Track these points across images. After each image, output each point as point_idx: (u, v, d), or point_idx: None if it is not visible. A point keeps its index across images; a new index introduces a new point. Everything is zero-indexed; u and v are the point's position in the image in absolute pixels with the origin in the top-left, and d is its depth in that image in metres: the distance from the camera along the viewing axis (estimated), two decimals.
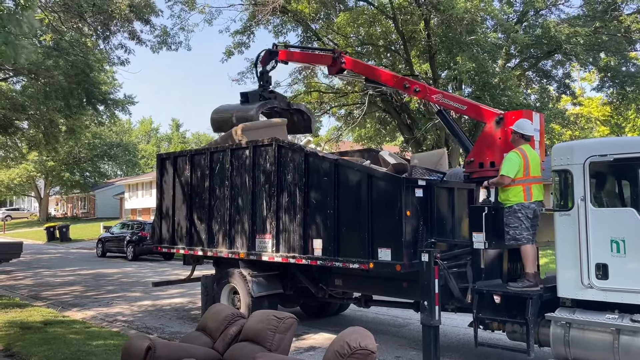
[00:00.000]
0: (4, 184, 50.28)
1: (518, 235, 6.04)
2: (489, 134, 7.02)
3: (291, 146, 8.32)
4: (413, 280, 6.76)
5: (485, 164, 6.89)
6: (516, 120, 6.57)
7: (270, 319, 4.66)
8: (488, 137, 7.02)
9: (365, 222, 7.00)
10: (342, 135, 25.11)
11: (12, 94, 21.24)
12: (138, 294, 13.21)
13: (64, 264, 21.33)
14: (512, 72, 18.87)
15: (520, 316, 5.80)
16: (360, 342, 3.61)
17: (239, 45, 21.07)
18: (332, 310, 9.92)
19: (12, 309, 10.18)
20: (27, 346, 7.14)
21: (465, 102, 7.89)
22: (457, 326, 8.68)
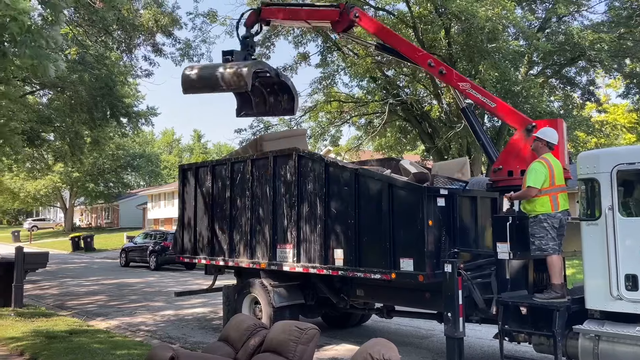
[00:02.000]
0: (31, 194, 51.38)
1: (544, 245, 5.91)
2: (519, 141, 6.85)
3: (311, 156, 8.32)
4: (436, 291, 6.67)
5: (515, 172, 6.71)
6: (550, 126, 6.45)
7: (292, 329, 4.63)
8: (518, 144, 6.86)
9: (387, 232, 6.94)
10: (362, 145, 25.09)
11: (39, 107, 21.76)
12: (161, 304, 13.30)
13: (88, 274, 21.64)
14: (534, 79, 18.64)
15: (547, 328, 5.67)
16: (384, 354, 3.57)
17: (259, 57, 21.23)
18: (354, 321, 9.84)
19: (38, 318, 10.33)
20: (53, 355, 7.22)
21: (496, 99, 7.53)
22: (481, 338, 8.53)
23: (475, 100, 7.46)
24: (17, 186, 48.69)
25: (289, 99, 8.67)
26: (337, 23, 8.42)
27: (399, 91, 21.17)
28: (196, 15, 20.30)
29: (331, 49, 21.77)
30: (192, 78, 7.81)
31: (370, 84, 22.48)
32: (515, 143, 6.92)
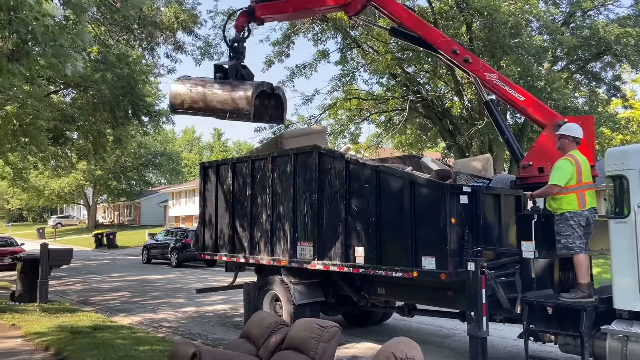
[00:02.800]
0: (55, 192, 52.32)
1: (570, 244, 5.78)
2: (549, 137, 6.66)
3: (332, 153, 8.29)
4: (459, 290, 6.58)
5: (545, 168, 6.52)
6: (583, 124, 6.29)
7: (313, 327, 4.61)
8: (549, 141, 6.68)
9: (409, 229, 6.87)
10: (382, 142, 24.94)
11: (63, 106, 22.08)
12: (182, 300, 13.42)
13: (111, 270, 21.96)
14: (558, 74, 18.29)
15: (573, 328, 5.55)
16: (407, 353, 3.52)
17: (279, 55, 21.25)
18: (375, 319, 9.79)
19: (63, 314, 10.50)
20: (77, 350, 7.33)
21: (525, 93, 7.23)
22: (504, 337, 8.40)
23: (502, 93, 7.12)
24: (42, 184, 49.63)
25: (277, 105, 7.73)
26: (349, 5, 7.75)
27: (419, 88, 20.97)
28: (216, 13, 20.41)
29: (351, 46, 21.67)
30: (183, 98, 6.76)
31: (390, 80, 22.33)
32: (546, 139, 6.75)
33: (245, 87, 6.91)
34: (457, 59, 7.31)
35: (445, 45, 7.39)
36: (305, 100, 22.76)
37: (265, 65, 21.47)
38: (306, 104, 22.60)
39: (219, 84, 7.06)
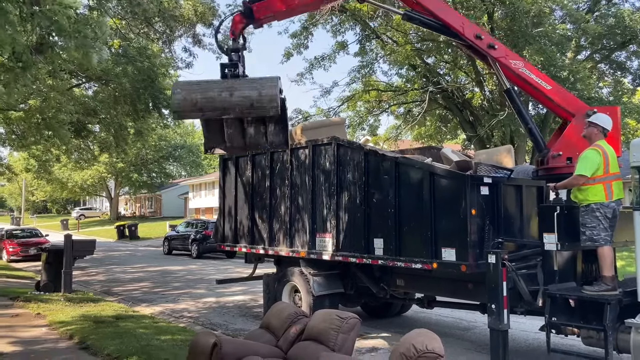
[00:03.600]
0: (78, 184, 53.24)
1: (595, 235, 5.67)
2: (579, 127, 6.51)
3: (350, 145, 8.26)
4: (479, 282, 6.52)
5: (574, 159, 6.34)
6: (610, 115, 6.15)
7: (333, 318, 4.61)
8: (579, 131, 6.50)
9: (428, 221, 6.81)
10: (401, 134, 24.77)
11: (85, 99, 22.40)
12: (202, 291, 13.56)
13: (133, 261, 22.30)
14: (582, 64, 17.92)
15: (597, 322, 5.46)
16: (427, 345, 3.49)
17: (298, 46, 21.21)
18: (394, 311, 9.77)
19: (87, 304, 10.70)
20: (100, 339, 7.46)
21: (552, 82, 7.03)
22: (525, 330, 8.31)
23: (528, 81, 6.89)
24: (65, 176, 50.51)
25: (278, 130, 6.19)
26: None
27: (439, 79, 20.75)
28: (235, 7, 20.43)
29: (370, 37, 21.52)
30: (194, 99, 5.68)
31: (409, 72, 22.13)
32: (575, 129, 6.61)
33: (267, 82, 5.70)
34: (481, 44, 6.96)
35: (468, 30, 6.99)
36: (323, 92, 22.72)
37: (284, 57, 21.46)
38: (325, 96, 22.59)
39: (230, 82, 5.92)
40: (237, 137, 6.18)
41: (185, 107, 5.65)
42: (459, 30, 7.02)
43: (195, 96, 5.58)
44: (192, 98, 5.58)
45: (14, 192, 69.89)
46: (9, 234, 24.83)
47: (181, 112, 5.75)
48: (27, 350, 7.15)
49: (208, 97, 5.58)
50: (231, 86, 5.66)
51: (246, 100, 5.50)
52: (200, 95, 5.58)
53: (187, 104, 5.63)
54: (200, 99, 5.57)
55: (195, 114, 5.75)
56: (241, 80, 5.90)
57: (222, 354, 4.48)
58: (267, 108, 5.53)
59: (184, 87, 5.71)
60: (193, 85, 5.75)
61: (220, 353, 4.48)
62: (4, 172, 29.12)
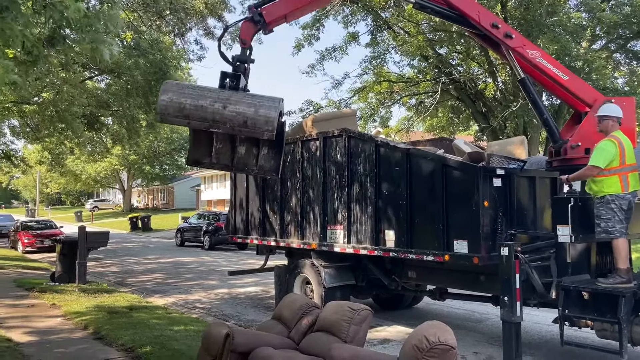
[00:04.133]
0: (92, 176, 53.76)
1: (610, 227, 5.61)
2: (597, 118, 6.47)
3: (362, 136, 8.22)
4: (491, 274, 6.48)
5: (592, 150, 6.15)
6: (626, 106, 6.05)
7: (345, 310, 4.61)
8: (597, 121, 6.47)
9: (440, 213, 6.78)
10: (412, 126, 24.64)
11: (98, 92, 22.55)
12: (215, 282, 13.66)
13: (146, 253, 22.51)
14: (597, 53, 17.65)
15: (611, 314, 5.41)
16: (440, 337, 3.48)
17: (309, 38, 21.13)
18: (406, 303, 9.76)
19: (101, 294, 10.82)
20: (114, 329, 7.55)
21: (569, 72, 6.93)
22: (538, 322, 8.27)
23: (545, 71, 6.76)
24: (79, 168, 51.01)
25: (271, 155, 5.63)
26: None
27: (451, 69, 20.58)
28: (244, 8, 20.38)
29: (381, 28, 21.38)
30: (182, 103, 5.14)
31: (421, 62, 21.97)
32: (593, 120, 6.52)
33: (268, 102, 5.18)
34: (497, 34, 6.75)
35: (484, 18, 6.74)
36: (335, 84, 22.64)
37: (295, 49, 21.41)
38: (336, 87, 22.49)
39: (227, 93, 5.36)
40: (225, 155, 5.67)
41: (170, 110, 5.12)
42: (475, 18, 6.82)
43: (184, 100, 5.08)
44: (181, 102, 5.08)
45: (28, 184, 70.74)
46: (24, 225, 25.17)
47: (165, 115, 5.17)
48: (43, 340, 7.25)
49: (198, 105, 5.08)
50: (227, 98, 5.15)
51: (239, 117, 5.02)
52: (190, 100, 5.09)
53: (173, 107, 5.11)
54: (188, 105, 5.08)
55: (180, 120, 5.17)
56: (239, 93, 5.35)
57: (235, 344, 4.51)
58: (262, 130, 5.05)
59: (173, 88, 5.21)
60: (185, 88, 5.29)
61: (233, 344, 4.51)
62: (18, 165, 29.46)
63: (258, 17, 6.27)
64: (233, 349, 4.51)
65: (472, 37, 8.29)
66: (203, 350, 5.02)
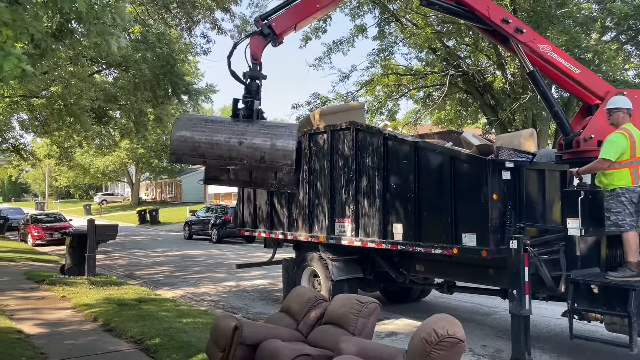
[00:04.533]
0: (100, 170, 54.05)
1: (620, 221, 5.56)
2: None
3: (369, 129, 8.19)
4: (500, 267, 6.46)
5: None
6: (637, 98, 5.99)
7: (353, 303, 4.61)
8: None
9: (448, 206, 6.75)
10: (420, 119, 24.52)
11: (106, 86, 22.63)
12: (223, 275, 13.71)
13: (154, 245, 22.64)
14: (608, 45, 17.46)
15: (621, 308, 5.36)
16: (448, 330, 3.47)
17: (316, 30, 21.04)
18: (413, 296, 9.76)
19: (110, 287, 10.90)
20: (123, 321, 7.60)
21: (580, 65, 6.90)
22: (547, 316, 8.24)
23: (557, 65, 6.71)
24: (87, 162, 51.28)
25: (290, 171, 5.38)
26: None
27: (460, 62, 20.43)
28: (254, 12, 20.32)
29: (389, 20, 21.25)
30: (196, 142, 4.83)
31: (429, 55, 21.83)
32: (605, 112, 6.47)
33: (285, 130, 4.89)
34: (508, 29, 6.70)
35: (494, 13, 6.70)
36: (342, 77, 22.55)
37: (302, 41, 21.34)
38: (343, 80, 22.42)
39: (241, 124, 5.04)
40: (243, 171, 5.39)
41: (185, 150, 4.83)
42: (485, 14, 6.74)
43: (198, 138, 4.78)
44: (195, 141, 4.78)
45: (37, 177, 71.28)
46: (34, 218, 25.38)
47: (180, 156, 4.88)
48: (53, 331, 7.32)
49: (213, 142, 4.76)
50: (242, 132, 4.81)
51: (257, 153, 4.75)
52: (205, 138, 4.76)
53: (187, 147, 4.80)
54: (203, 144, 4.76)
55: (196, 159, 4.92)
56: (255, 125, 4.97)
57: (243, 337, 4.53)
58: (280, 164, 4.79)
59: (186, 125, 4.86)
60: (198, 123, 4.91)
61: (242, 336, 4.53)
62: (28, 158, 29.66)
63: (267, 29, 6.04)
64: (241, 341, 4.53)
65: (480, 33, 8.21)
66: (212, 343, 5.04)
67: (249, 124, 5.02)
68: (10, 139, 27.00)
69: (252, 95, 5.51)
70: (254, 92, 5.53)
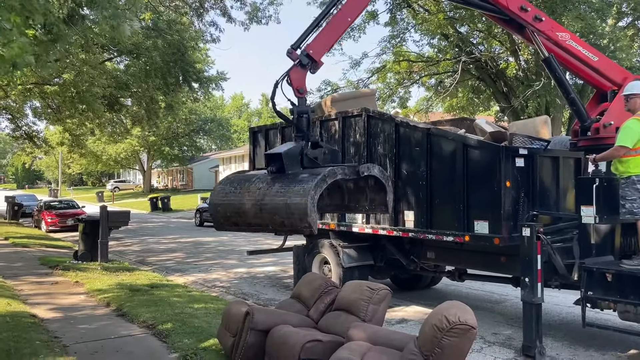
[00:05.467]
0: (112, 157, 54.44)
1: (636, 208, 5.48)
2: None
3: (381, 116, 8.13)
4: (512, 255, 6.42)
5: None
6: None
7: (364, 290, 4.62)
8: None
9: (461, 193, 6.70)
10: (432, 106, 24.33)
11: (117, 73, 22.70)
12: (234, 262, 13.79)
13: (166, 232, 22.80)
14: (624, 31, 17.14)
15: (635, 296, 5.32)
16: (460, 317, 3.46)
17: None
18: (424, 283, 9.75)
19: (122, 273, 11.00)
20: (136, 307, 7.67)
21: (598, 53, 6.82)
22: (558, 304, 8.19)
23: (575, 53, 6.63)
24: (100, 149, 51.65)
25: (376, 190, 5.11)
26: None
27: (472, 48, 20.19)
28: None
29: (401, 6, 21.00)
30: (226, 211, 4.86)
31: (441, 41, 21.59)
32: None
33: (305, 190, 4.32)
34: (526, 17, 6.59)
35: (512, 2, 6.57)
36: (353, 64, 22.48)
37: None
38: (354, 67, 22.29)
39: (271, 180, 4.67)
40: (336, 196, 5.29)
41: (220, 219, 4.89)
42: (502, 2, 6.63)
43: (228, 209, 4.78)
44: (225, 212, 4.80)
45: (51, 165, 71.99)
46: (48, 205, 25.65)
47: (220, 225, 4.94)
48: (67, 316, 7.41)
49: (240, 212, 4.67)
50: (262, 197, 4.53)
51: (276, 218, 4.45)
52: (232, 208, 4.74)
53: (221, 216, 4.87)
54: (234, 213, 4.75)
55: (232, 227, 4.90)
56: (277, 183, 4.56)
57: (255, 322, 4.55)
58: (300, 228, 4.39)
59: (219, 194, 4.89)
60: (231, 189, 4.82)
61: (253, 322, 4.55)
62: (41, 146, 29.93)
63: (307, 59, 5.62)
64: (253, 326, 4.55)
65: (495, 21, 8.08)
66: (223, 328, 5.08)
67: (276, 181, 4.62)
68: (24, 126, 27.25)
69: (304, 133, 5.17)
70: (304, 128, 5.18)
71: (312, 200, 4.21)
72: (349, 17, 6.14)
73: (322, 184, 4.33)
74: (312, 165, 4.83)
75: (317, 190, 4.27)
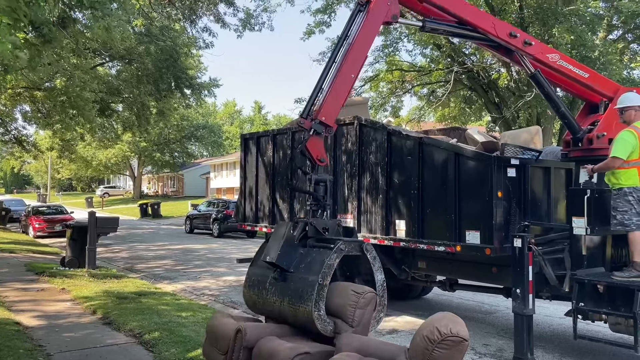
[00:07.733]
0: (102, 163, 54.10)
1: (627, 220, 5.48)
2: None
3: (373, 125, 8.11)
4: (503, 265, 6.40)
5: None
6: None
7: (349, 294, 4.54)
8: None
9: (452, 203, 6.68)
10: (424, 116, 24.43)
11: (109, 79, 22.58)
12: (223, 270, 13.66)
13: (155, 239, 22.61)
14: (614, 44, 17.32)
15: (626, 308, 5.29)
16: (452, 329, 3.39)
17: (320, 24, 20.94)
18: (415, 293, 9.69)
19: (110, 280, 10.86)
20: (122, 315, 7.55)
21: (588, 69, 6.93)
22: (549, 315, 8.17)
23: (566, 72, 6.71)
24: (90, 155, 51.32)
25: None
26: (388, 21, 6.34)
27: (464, 59, 20.33)
28: None
29: None
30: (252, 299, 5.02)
31: (434, 51, 21.72)
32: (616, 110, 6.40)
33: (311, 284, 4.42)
34: (516, 43, 6.59)
35: (500, 29, 6.53)
36: None
37: (306, 35, 21.23)
38: None
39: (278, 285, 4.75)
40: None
41: (251, 307, 5.09)
42: (491, 31, 6.59)
43: (254, 298, 4.95)
44: (254, 300, 4.95)
45: (40, 169, 71.39)
46: (36, 210, 25.36)
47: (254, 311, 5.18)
48: (52, 324, 7.27)
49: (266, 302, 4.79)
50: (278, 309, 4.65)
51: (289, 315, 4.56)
52: (256, 297, 4.89)
53: (251, 304, 5.04)
54: (257, 300, 4.90)
55: (258, 315, 5.14)
56: (285, 299, 4.60)
57: (247, 340, 4.43)
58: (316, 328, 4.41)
59: (251, 279, 5.05)
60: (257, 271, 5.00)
61: (246, 339, 4.43)
62: (30, 150, 29.66)
63: (321, 127, 5.51)
64: (246, 344, 4.43)
65: (483, 48, 8.06)
66: (208, 345, 4.91)
67: (284, 293, 4.65)
68: (13, 130, 26.99)
69: (320, 203, 5.19)
70: (321, 198, 5.16)
71: (317, 312, 4.36)
72: (352, 73, 5.92)
73: (321, 293, 4.44)
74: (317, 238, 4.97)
75: (319, 302, 4.40)
